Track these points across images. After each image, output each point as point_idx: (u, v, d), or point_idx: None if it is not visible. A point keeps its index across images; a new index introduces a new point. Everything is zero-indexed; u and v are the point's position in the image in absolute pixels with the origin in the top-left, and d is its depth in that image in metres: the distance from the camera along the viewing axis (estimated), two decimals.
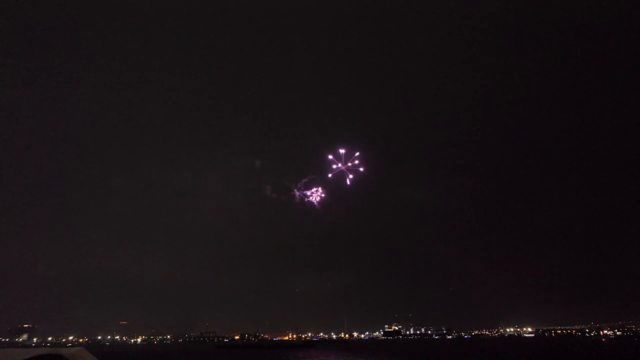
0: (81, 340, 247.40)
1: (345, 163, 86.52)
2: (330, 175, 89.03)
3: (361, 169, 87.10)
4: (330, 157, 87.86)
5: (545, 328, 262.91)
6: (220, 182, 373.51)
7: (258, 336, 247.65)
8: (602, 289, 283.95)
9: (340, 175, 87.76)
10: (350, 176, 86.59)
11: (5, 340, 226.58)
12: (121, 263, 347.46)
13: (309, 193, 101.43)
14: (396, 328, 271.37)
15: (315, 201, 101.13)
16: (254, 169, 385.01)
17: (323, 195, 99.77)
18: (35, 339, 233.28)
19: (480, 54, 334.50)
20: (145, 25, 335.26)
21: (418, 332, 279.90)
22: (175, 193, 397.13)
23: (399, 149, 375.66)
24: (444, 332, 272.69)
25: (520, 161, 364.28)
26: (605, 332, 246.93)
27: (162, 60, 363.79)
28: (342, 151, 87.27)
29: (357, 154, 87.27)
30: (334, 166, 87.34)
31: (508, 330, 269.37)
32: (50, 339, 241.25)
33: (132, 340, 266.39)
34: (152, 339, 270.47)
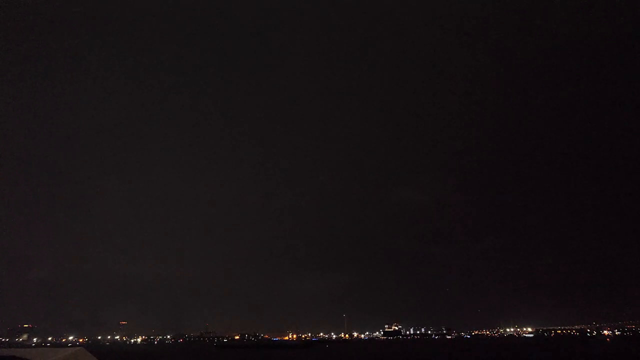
0: (81, 340, 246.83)
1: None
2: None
3: None
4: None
5: (545, 328, 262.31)
6: (218, 182, 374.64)
7: (258, 336, 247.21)
8: (602, 289, 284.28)
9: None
10: None
11: (5, 340, 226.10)
12: (121, 263, 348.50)
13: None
14: (396, 328, 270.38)
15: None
16: (252, 170, 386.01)
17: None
18: (35, 339, 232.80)
19: (479, 53, 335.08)
20: (140, 26, 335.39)
21: (418, 332, 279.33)
22: (174, 193, 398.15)
23: (397, 148, 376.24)
24: (444, 332, 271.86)
25: (520, 161, 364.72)
26: (605, 332, 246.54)
27: (157, 61, 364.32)
28: None
29: None
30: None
31: (508, 330, 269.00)
32: (50, 339, 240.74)
33: (132, 340, 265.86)
34: (152, 339, 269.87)
